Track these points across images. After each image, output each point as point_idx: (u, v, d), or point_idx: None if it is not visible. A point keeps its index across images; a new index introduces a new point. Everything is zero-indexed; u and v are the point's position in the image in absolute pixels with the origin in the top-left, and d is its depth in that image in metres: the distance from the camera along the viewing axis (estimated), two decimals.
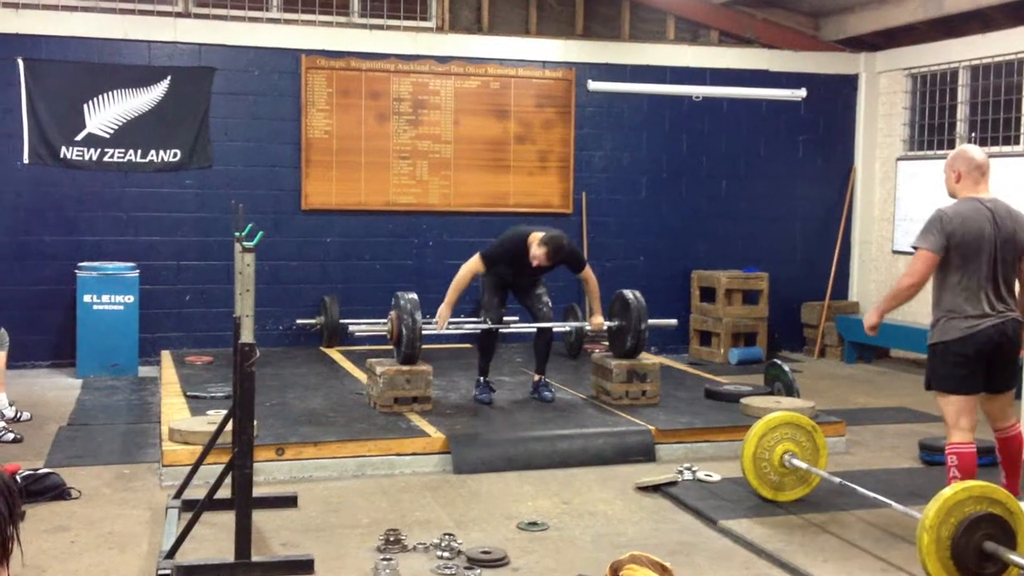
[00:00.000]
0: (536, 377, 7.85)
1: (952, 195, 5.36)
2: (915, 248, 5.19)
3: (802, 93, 11.20)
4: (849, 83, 11.62)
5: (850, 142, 11.68)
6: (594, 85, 10.74)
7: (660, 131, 11.12)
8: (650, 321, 7.67)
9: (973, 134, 10.39)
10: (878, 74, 11.55)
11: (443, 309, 7.44)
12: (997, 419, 5.39)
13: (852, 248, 11.74)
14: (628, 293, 7.76)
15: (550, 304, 7.73)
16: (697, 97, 11.07)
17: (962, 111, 10.54)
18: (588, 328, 8.01)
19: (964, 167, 5.23)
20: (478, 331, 7.78)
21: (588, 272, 7.69)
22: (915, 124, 11.23)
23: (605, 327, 7.80)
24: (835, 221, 11.65)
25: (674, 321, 8.65)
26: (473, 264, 7.48)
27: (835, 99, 11.58)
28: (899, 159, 11.26)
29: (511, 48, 10.66)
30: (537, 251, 7.28)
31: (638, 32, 11.14)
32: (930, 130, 11.00)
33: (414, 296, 7.39)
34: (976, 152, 5.30)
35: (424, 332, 7.30)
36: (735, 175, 11.38)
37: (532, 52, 10.71)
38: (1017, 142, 9.75)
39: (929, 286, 5.29)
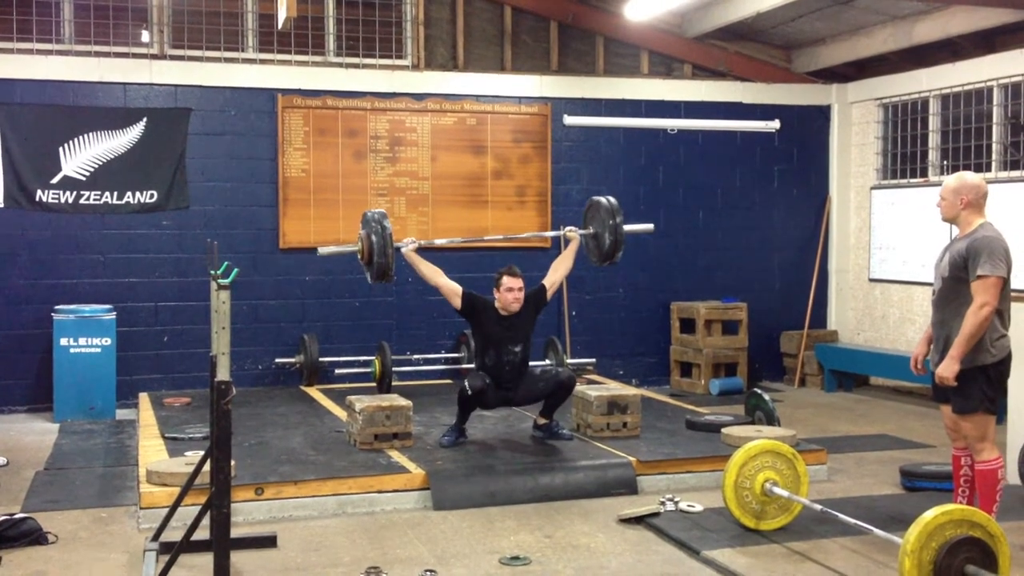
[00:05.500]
0: (543, 421, 7.51)
1: (951, 220, 5.50)
2: (984, 276, 5.17)
3: (776, 124, 11.34)
4: (822, 114, 11.74)
5: (824, 172, 11.79)
6: (570, 120, 10.84)
7: (636, 164, 11.19)
8: (627, 227, 7.44)
9: (945, 162, 10.50)
10: (850, 104, 11.68)
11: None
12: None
13: (829, 277, 11.81)
14: (599, 197, 7.59)
15: (556, 367, 7.45)
16: (672, 130, 11.19)
17: (933, 139, 10.65)
18: (565, 233, 7.66)
19: (972, 195, 5.37)
20: (464, 369, 7.58)
21: (550, 281, 7.55)
22: (888, 153, 11.35)
23: (579, 234, 7.60)
24: (812, 250, 11.73)
25: (650, 226, 8.28)
26: (456, 286, 7.36)
27: (808, 130, 11.70)
28: (873, 188, 11.37)
29: (487, 84, 10.72)
30: (511, 284, 7.23)
31: (612, 67, 11.23)
32: (903, 159, 11.11)
33: (380, 210, 7.18)
34: (980, 180, 5.46)
35: (396, 246, 7.07)
36: (712, 206, 11.45)
37: (508, 88, 10.78)
38: (988, 169, 9.86)
39: (897, 310, 5.33)
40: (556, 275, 7.64)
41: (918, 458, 7.56)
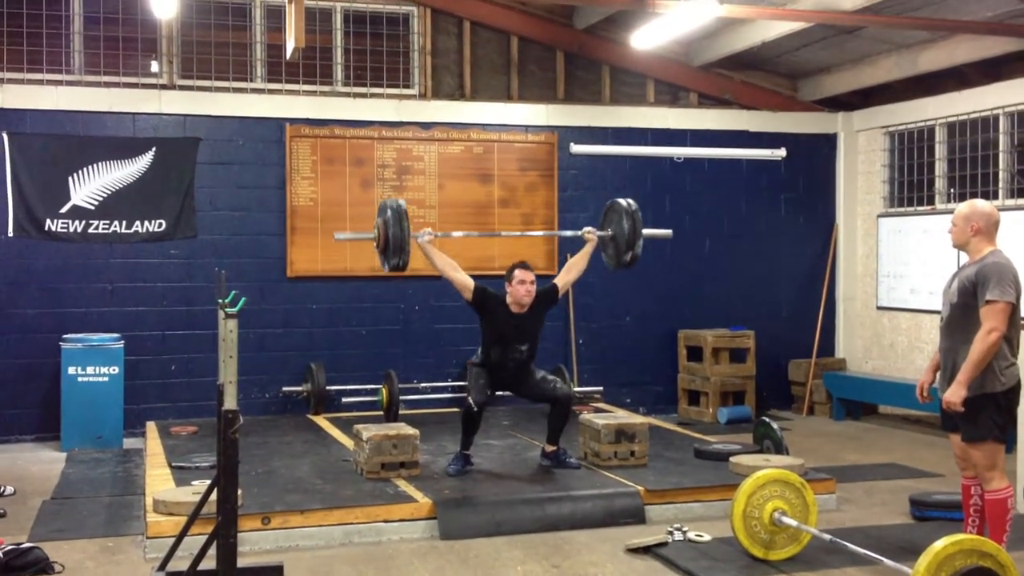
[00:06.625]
0: (551, 448, 7.48)
1: (961, 246, 5.50)
2: (993, 301, 5.16)
3: (782, 152, 11.35)
4: (828, 142, 11.77)
5: (831, 200, 11.80)
6: (576, 148, 10.88)
7: (643, 192, 11.18)
8: (645, 231, 7.42)
9: (952, 190, 10.51)
10: (856, 132, 11.70)
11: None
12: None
13: (837, 305, 11.79)
14: (620, 199, 7.57)
15: (559, 381, 7.44)
16: (678, 158, 11.21)
17: (940, 167, 10.66)
18: (583, 234, 7.67)
19: (983, 222, 5.38)
20: (461, 408, 7.43)
21: (563, 281, 7.55)
22: (894, 181, 11.35)
23: (597, 235, 7.58)
24: (819, 278, 11.71)
25: (669, 231, 8.29)
26: (469, 280, 7.34)
27: (815, 158, 11.71)
28: (880, 216, 11.37)
29: (493, 113, 10.77)
30: (523, 277, 7.23)
31: (618, 95, 11.28)
32: (909, 187, 11.12)
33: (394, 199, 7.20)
34: (992, 208, 5.46)
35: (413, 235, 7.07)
36: (719, 234, 11.45)
37: (514, 117, 10.82)
38: (996, 197, 9.86)
39: (905, 338, 5.33)
40: (569, 275, 7.63)
41: (928, 487, 7.52)
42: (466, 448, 7.40)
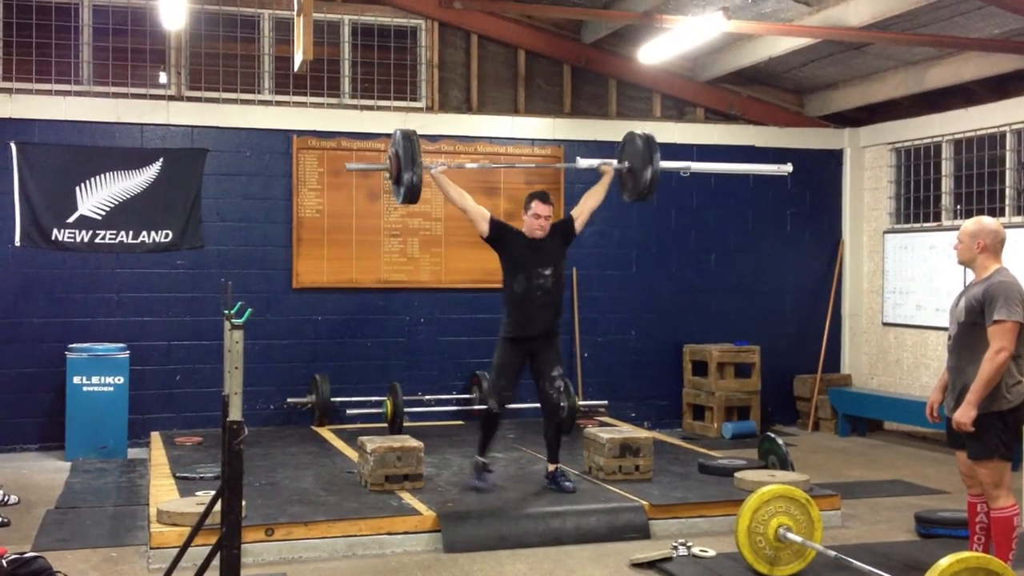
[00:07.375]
0: (551, 467, 7.28)
1: (967, 263, 5.49)
2: (1000, 321, 5.15)
3: (788, 168, 11.28)
4: (834, 158, 11.77)
5: (837, 215, 11.80)
6: (583, 162, 10.85)
7: (649, 206, 11.18)
8: (663, 163, 7.37)
9: (958, 206, 10.50)
10: (862, 148, 11.71)
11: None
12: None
13: (843, 321, 11.77)
14: (637, 132, 7.51)
15: (561, 388, 7.13)
16: (685, 172, 11.15)
17: (946, 184, 10.66)
18: (599, 166, 7.61)
19: (990, 239, 5.38)
20: (477, 410, 7.43)
21: (578, 212, 7.48)
22: (900, 197, 11.35)
23: (614, 167, 7.50)
24: (825, 294, 11.70)
25: (688, 163, 8.26)
26: (484, 210, 7.28)
27: (821, 173, 11.72)
28: (886, 232, 11.36)
29: (500, 127, 10.80)
30: (539, 210, 7.17)
31: (625, 110, 11.30)
32: (915, 203, 11.12)
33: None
34: (998, 225, 5.47)
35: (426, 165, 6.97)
36: (724, 249, 11.45)
37: (521, 130, 10.85)
38: (1002, 214, 9.85)
39: (911, 354, 5.30)
40: (584, 206, 7.51)
41: (933, 504, 7.50)
42: (482, 453, 7.20)
